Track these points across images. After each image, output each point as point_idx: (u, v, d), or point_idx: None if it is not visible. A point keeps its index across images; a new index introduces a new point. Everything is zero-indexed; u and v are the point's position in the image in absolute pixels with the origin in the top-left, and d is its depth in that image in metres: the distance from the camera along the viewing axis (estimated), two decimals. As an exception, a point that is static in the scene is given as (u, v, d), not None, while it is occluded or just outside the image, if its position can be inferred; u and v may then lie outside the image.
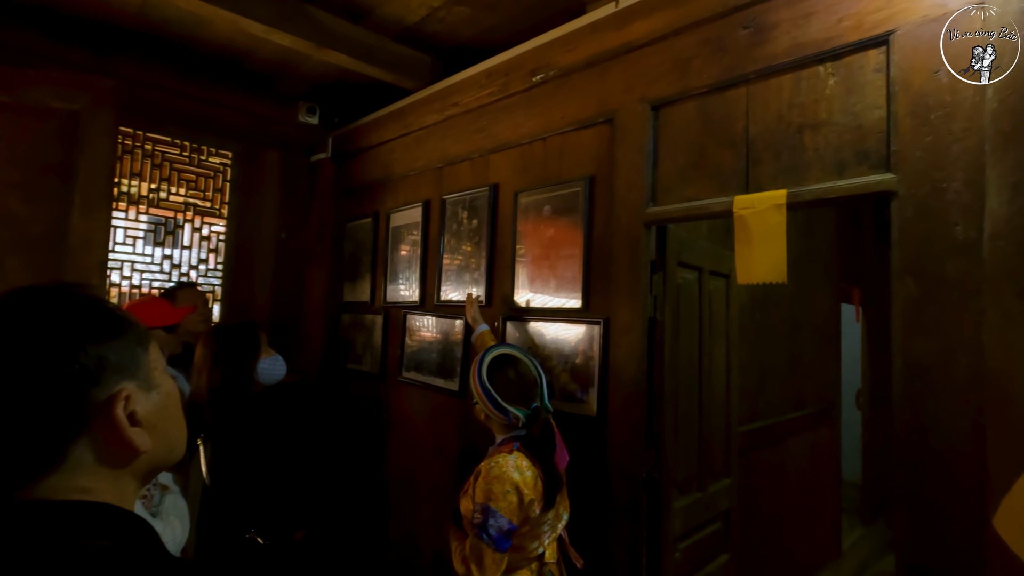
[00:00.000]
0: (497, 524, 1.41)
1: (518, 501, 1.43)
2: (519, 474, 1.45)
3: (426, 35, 2.53)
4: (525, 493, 1.44)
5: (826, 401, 3.68)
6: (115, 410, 0.57)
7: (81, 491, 0.56)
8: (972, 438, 1.16)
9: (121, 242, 2.84)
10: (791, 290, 3.19)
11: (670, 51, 1.75)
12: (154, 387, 0.63)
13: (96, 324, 0.59)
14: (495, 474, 1.45)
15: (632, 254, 1.80)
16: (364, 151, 3.19)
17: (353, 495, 2.98)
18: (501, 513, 1.41)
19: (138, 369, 0.61)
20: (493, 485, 1.43)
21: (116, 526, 0.55)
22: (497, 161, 2.37)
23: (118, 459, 0.59)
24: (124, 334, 0.61)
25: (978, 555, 1.13)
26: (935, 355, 1.21)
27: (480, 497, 1.45)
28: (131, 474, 0.61)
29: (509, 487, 1.43)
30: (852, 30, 1.37)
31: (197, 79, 2.94)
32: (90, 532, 0.53)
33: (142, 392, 0.60)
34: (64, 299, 0.59)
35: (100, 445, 0.57)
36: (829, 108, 1.42)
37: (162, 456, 0.64)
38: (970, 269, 1.17)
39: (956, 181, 1.20)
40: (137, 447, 0.58)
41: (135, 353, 0.61)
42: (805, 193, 1.43)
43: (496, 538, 1.41)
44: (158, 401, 0.63)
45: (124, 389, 0.58)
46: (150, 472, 0.64)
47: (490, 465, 1.48)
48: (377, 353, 2.94)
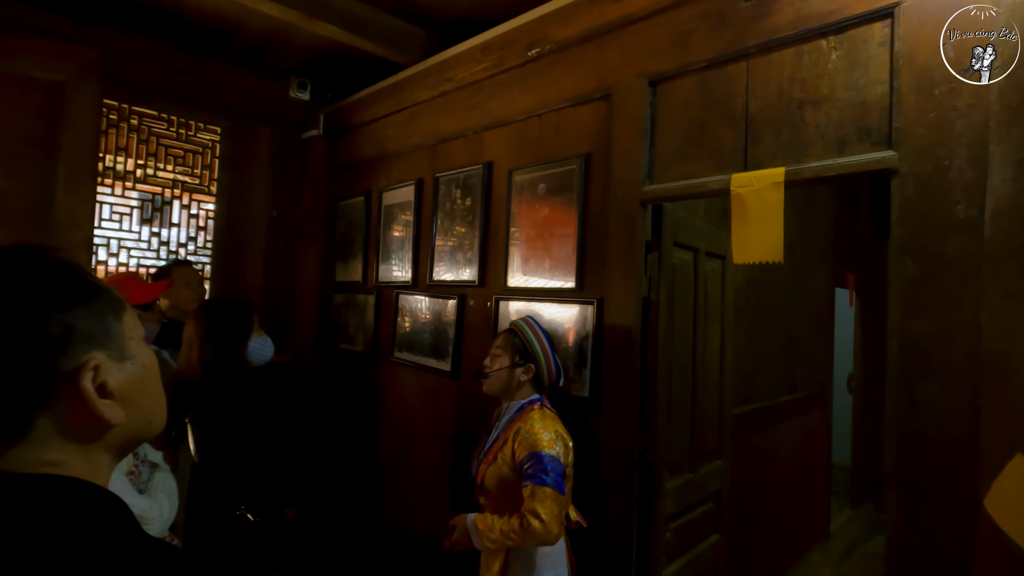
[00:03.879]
0: (555, 466, 1.44)
1: (563, 447, 1.49)
2: (558, 424, 1.55)
3: (420, 7, 2.46)
4: (566, 439, 1.52)
5: (818, 385, 3.69)
6: (82, 381, 0.53)
7: (48, 464, 0.53)
8: (967, 419, 1.15)
9: (108, 219, 2.79)
10: (787, 273, 3.17)
11: (670, 24, 1.70)
12: (128, 357, 0.59)
13: (64, 289, 0.55)
14: (539, 427, 1.51)
15: (628, 233, 1.78)
16: (356, 128, 3.13)
17: (345, 474, 2.98)
18: (556, 457, 1.45)
19: (110, 338, 0.57)
20: (539, 435, 1.48)
21: (82, 501, 0.52)
22: (492, 138, 2.32)
23: (88, 432, 0.56)
24: (94, 300, 0.57)
25: (970, 535, 1.13)
26: (932, 336, 1.20)
27: (530, 448, 1.47)
28: (103, 447, 0.58)
29: (554, 435, 1.49)
30: (857, 2, 1.33)
31: (184, 51, 2.86)
32: (54, 507, 0.50)
33: (114, 362, 0.57)
34: (31, 262, 0.55)
35: (68, 417, 0.54)
36: (831, 83, 1.39)
37: (138, 429, 0.61)
38: (971, 248, 1.15)
39: (959, 158, 1.18)
40: (107, 420, 0.55)
41: (106, 321, 0.57)
42: (804, 171, 1.41)
43: (558, 479, 1.43)
44: (133, 372, 0.59)
45: (93, 359, 0.55)
46: (125, 445, 0.61)
47: (528, 424, 1.53)
48: (369, 333, 2.92)
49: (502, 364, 1.66)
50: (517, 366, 1.64)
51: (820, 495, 3.73)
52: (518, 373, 1.64)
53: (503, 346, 1.68)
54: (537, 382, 1.66)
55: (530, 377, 1.65)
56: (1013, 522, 1.08)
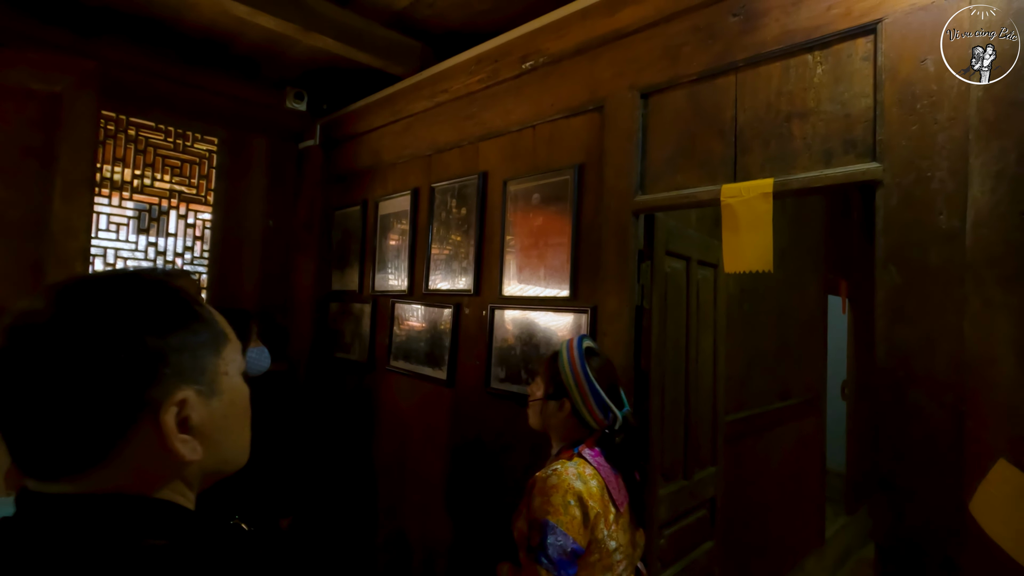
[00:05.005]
0: (558, 543, 1.14)
1: (582, 516, 1.17)
2: (582, 483, 1.20)
3: (416, 20, 2.49)
4: (591, 506, 1.19)
5: (812, 391, 3.72)
6: (164, 415, 0.52)
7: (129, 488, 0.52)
8: (952, 424, 1.17)
9: (104, 229, 2.79)
10: (779, 281, 3.21)
11: (660, 38, 1.74)
12: (217, 393, 0.57)
13: (163, 315, 0.54)
14: (552, 483, 1.20)
15: (620, 243, 1.80)
16: (353, 138, 3.16)
17: (341, 483, 2.98)
18: (563, 529, 1.15)
19: (202, 373, 0.55)
20: (551, 496, 1.18)
21: (175, 524, 0.52)
22: (486, 149, 2.35)
23: (166, 465, 0.54)
24: (193, 331, 0.55)
25: (957, 539, 1.15)
26: (917, 342, 1.22)
27: (535, 512, 1.19)
28: (181, 481, 0.56)
29: (571, 498, 1.17)
30: (841, 18, 1.37)
31: (182, 62, 2.89)
32: (147, 529, 0.50)
33: (202, 398, 0.55)
34: (133, 284, 0.54)
35: (149, 448, 0.52)
36: (817, 97, 1.42)
37: (214, 466, 0.59)
38: (953, 257, 1.18)
39: (941, 170, 1.21)
40: (182, 456, 0.53)
41: (202, 354, 0.56)
42: (792, 182, 1.44)
43: (558, 561, 1.13)
44: (219, 409, 0.57)
45: (181, 392, 0.53)
46: (204, 479, 0.59)
47: (546, 474, 1.23)
48: (365, 342, 2.93)
49: (538, 392, 1.38)
50: (550, 399, 1.34)
51: (814, 501, 3.75)
52: (552, 407, 1.34)
53: (541, 372, 1.40)
54: (582, 422, 1.32)
55: (566, 414, 1.32)
56: (997, 526, 1.10)
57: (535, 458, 2.02)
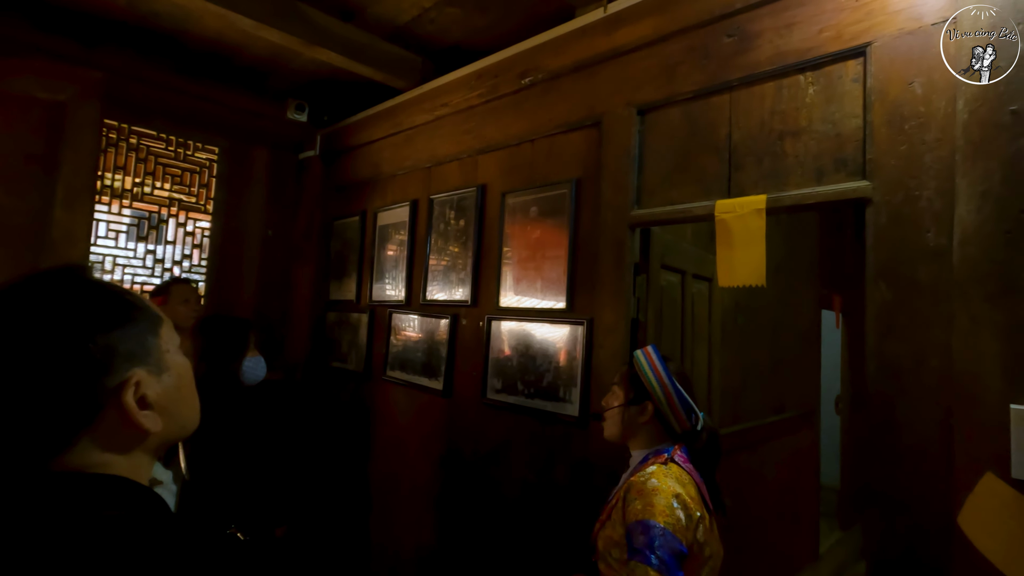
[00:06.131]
0: (668, 543, 1.11)
1: (686, 518, 1.16)
2: (682, 487, 1.20)
3: (417, 35, 2.54)
4: (692, 508, 1.18)
5: (806, 405, 3.73)
6: (125, 396, 0.58)
7: (95, 466, 0.58)
8: (941, 438, 1.19)
9: (104, 236, 2.81)
10: (774, 295, 3.24)
11: (657, 57, 1.78)
12: (165, 370, 0.64)
13: (105, 312, 0.60)
14: (653, 487, 1.18)
15: (616, 256, 1.83)
16: (353, 149, 3.19)
17: (336, 493, 2.97)
18: (670, 530, 1.12)
19: (148, 354, 0.62)
20: (654, 498, 1.16)
21: (127, 497, 0.58)
22: (485, 162, 2.38)
23: (129, 440, 0.61)
24: (134, 320, 0.62)
25: (946, 552, 1.17)
26: (907, 357, 1.25)
27: (638, 514, 1.16)
28: (143, 451, 0.63)
29: (675, 501, 1.16)
30: (832, 41, 1.41)
31: (185, 73, 2.92)
32: (102, 502, 0.55)
33: (153, 376, 0.62)
34: (72, 286, 0.60)
35: (113, 428, 0.59)
36: (809, 116, 1.46)
37: (174, 433, 0.66)
38: (941, 274, 1.21)
39: (928, 189, 1.24)
40: (147, 429, 0.60)
41: (145, 339, 0.62)
42: (785, 198, 1.47)
43: (668, 561, 1.10)
44: (169, 383, 0.64)
45: (134, 375, 0.59)
46: (161, 447, 0.66)
47: (643, 479, 1.22)
48: (362, 351, 2.94)
49: (616, 402, 1.40)
50: (631, 404, 1.36)
51: (809, 516, 3.74)
52: (633, 413, 1.36)
53: (618, 380, 1.44)
54: (666, 427, 1.34)
55: (649, 418, 1.34)
56: (985, 539, 1.12)
57: (531, 468, 2.02)
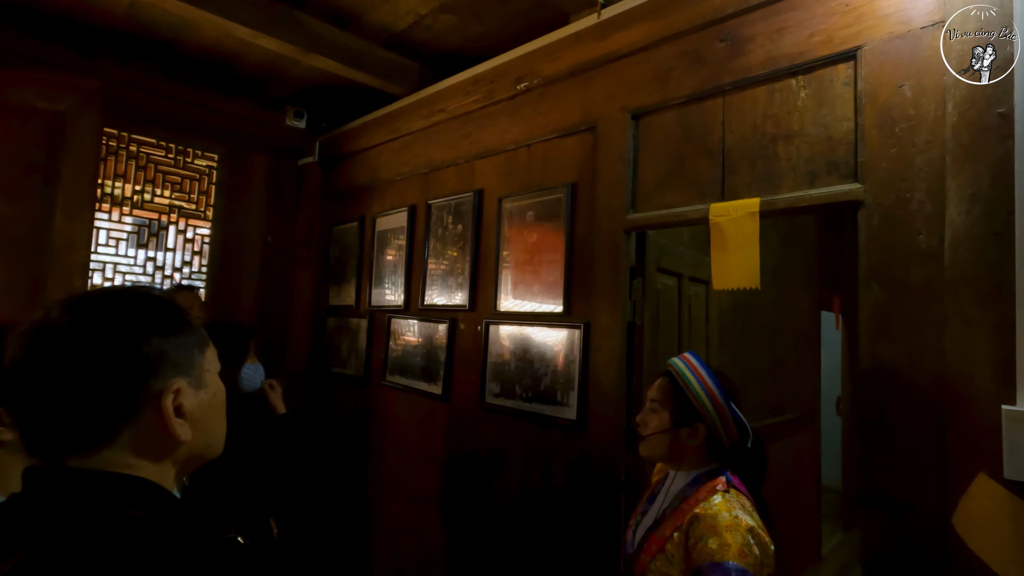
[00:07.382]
0: None
1: (761, 553, 1.08)
2: (751, 518, 1.12)
3: (413, 42, 2.55)
4: (766, 541, 1.11)
5: (806, 407, 3.73)
6: (164, 400, 0.62)
7: (127, 467, 0.61)
8: (936, 439, 1.20)
9: (104, 243, 2.82)
10: (772, 297, 3.24)
11: (651, 62, 1.80)
12: (204, 386, 0.68)
13: (163, 321, 0.65)
14: (725, 523, 1.09)
15: (613, 260, 1.84)
16: (351, 156, 3.21)
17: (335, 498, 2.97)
18: (749, 571, 1.04)
19: (192, 367, 0.67)
20: (726, 536, 1.07)
21: (155, 500, 0.61)
22: (482, 167, 2.40)
23: (161, 445, 0.64)
24: (185, 334, 0.67)
25: (941, 553, 1.17)
26: (899, 359, 1.25)
27: (712, 555, 1.07)
28: (171, 460, 0.66)
29: (750, 536, 1.08)
30: (823, 45, 1.42)
31: (184, 81, 2.94)
32: (131, 502, 0.59)
33: (192, 389, 0.66)
34: (140, 297, 0.66)
35: (149, 430, 0.62)
36: (801, 119, 1.47)
37: (200, 449, 0.69)
38: (932, 276, 1.22)
39: (919, 191, 1.25)
40: (178, 436, 0.64)
41: (192, 353, 0.67)
42: (778, 201, 1.48)
43: None
44: (205, 399, 0.68)
45: (176, 383, 0.64)
46: (188, 462, 0.69)
47: (711, 511, 1.13)
48: (362, 357, 2.94)
49: (660, 424, 1.27)
50: (680, 426, 1.25)
51: (810, 518, 3.74)
52: (683, 436, 1.25)
53: (659, 398, 1.30)
54: (713, 445, 1.25)
55: (701, 440, 1.24)
56: (979, 540, 1.12)
57: (530, 473, 2.03)
